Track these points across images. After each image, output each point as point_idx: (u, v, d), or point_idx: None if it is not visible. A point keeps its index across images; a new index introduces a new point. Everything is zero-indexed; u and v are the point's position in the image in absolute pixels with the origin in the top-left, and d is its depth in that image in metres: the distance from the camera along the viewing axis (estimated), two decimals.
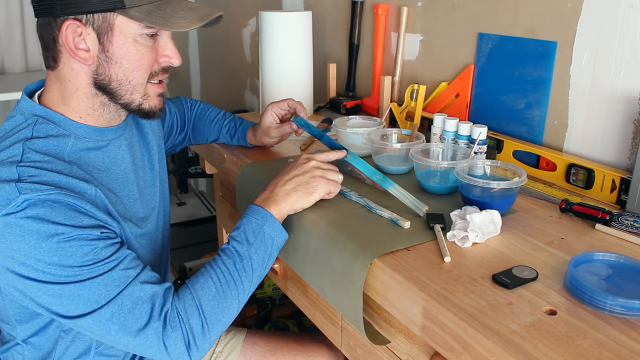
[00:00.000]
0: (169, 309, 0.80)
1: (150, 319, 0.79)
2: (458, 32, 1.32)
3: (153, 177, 1.04)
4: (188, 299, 0.81)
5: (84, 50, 0.83)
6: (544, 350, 0.60)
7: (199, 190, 3.04)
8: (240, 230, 0.88)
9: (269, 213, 0.88)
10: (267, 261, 0.88)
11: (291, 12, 1.50)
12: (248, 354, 1.21)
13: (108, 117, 0.91)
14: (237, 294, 0.85)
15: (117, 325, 0.78)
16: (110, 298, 0.78)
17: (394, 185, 0.95)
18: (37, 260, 0.75)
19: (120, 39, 0.83)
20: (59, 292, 0.77)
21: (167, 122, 1.23)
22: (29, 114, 0.86)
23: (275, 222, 0.88)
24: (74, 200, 0.78)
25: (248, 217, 0.88)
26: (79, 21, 0.81)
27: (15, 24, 2.94)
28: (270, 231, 0.88)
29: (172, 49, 0.89)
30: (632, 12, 0.97)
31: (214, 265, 0.85)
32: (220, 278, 0.84)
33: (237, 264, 0.85)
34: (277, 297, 1.85)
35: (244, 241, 0.86)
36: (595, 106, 1.06)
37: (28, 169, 0.78)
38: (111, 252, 0.80)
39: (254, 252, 0.86)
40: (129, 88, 0.87)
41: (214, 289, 0.83)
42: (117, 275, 0.79)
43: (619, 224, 0.89)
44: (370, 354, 0.95)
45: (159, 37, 0.88)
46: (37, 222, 0.75)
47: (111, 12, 0.81)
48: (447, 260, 0.78)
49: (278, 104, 1.20)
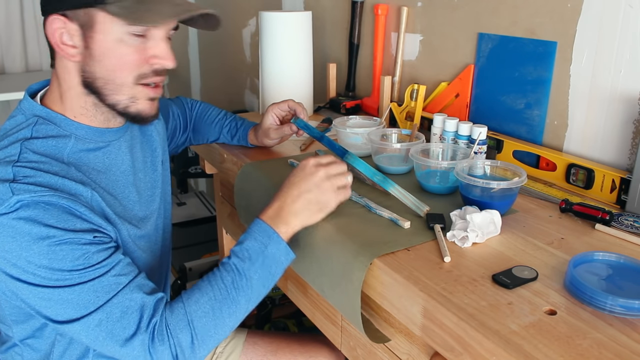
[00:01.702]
0: (158, 321, 0.78)
1: (138, 330, 0.77)
2: (458, 32, 1.32)
3: (155, 179, 1.03)
4: (180, 314, 0.79)
5: (70, 47, 0.83)
6: (544, 351, 0.60)
7: (199, 190, 3.04)
8: (243, 246, 0.84)
9: (276, 233, 0.84)
10: (269, 281, 0.85)
11: (291, 12, 1.50)
12: (249, 355, 1.21)
13: (102, 118, 0.90)
14: (233, 311, 0.82)
15: (104, 332, 0.77)
16: (99, 305, 0.77)
17: (395, 185, 0.94)
18: (28, 262, 0.75)
19: (100, 36, 0.82)
20: (48, 295, 0.76)
21: (171, 124, 1.23)
22: (29, 114, 0.86)
23: (280, 243, 0.84)
24: (68, 203, 0.77)
25: (253, 234, 0.85)
26: (65, 17, 0.82)
27: (15, 24, 2.94)
28: (274, 251, 0.84)
29: (164, 50, 0.86)
30: (632, 12, 0.97)
31: (212, 280, 0.82)
32: (217, 295, 0.81)
33: (235, 281, 0.82)
34: (277, 297, 1.85)
35: (246, 259, 0.83)
36: (595, 106, 1.06)
37: (24, 170, 0.78)
38: (103, 257, 0.78)
39: (254, 272, 0.83)
40: (113, 88, 0.86)
41: (209, 306, 0.80)
42: (107, 281, 0.78)
43: (619, 224, 0.89)
44: (370, 354, 0.95)
45: (150, 37, 0.85)
46: (29, 224, 0.74)
47: (92, 8, 0.81)
48: (447, 260, 0.78)
49: (278, 105, 1.20)
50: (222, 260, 0.85)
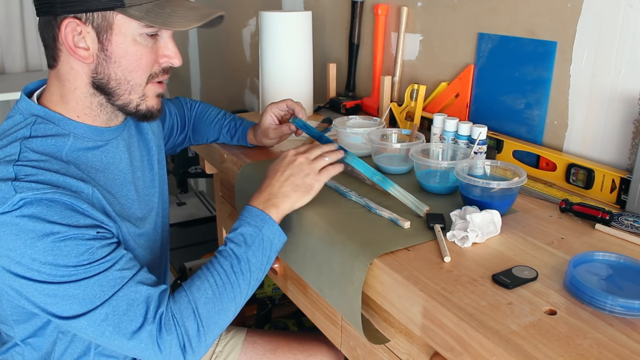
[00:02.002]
0: (164, 312, 0.79)
1: (145, 321, 0.78)
2: (458, 32, 1.32)
3: (152, 177, 1.03)
4: (184, 302, 0.81)
5: (83, 49, 0.83)
6: (544, 351, 0.60)
7: (199, 190, 3.04)
8: (238, 232, 0.86)
9: (268, 215, 0.87)
10: (265, 264, 0.87)
11: (291, 12, 1.50)
12: (248, 353, 1.21)
13: (105, 118, 0.91)
14: (233, 297, 0.84)
15: (111, 326, 0.77)
16: (105, 299, 0.77)
17: (394, 185, 0.95)
18: (32, 259, 0.75)
19: (119, 38, 0.83)
20: (53, 291, 0.77)
21: (167, 123, 1.23)
22: (27, 114, 0.86)
23: (274, 225, 0.88)
24: (70, 199, 0.78)
25: (246, 219, 0.87)
26: (79, 19, 0.81)
27: (15, 24, 2.95)
28: (269, 234, 0.87)
29: (173, 49, 0.89)
30: (632, 12, 0.97)
31: (210, 268, 0.84)
32: (217, 280, 0.83)
33: (234, 266, 0.84)
34: (277, 297, 1.85)
35: (242, 243, 0.85)
36: (595, 106, 1.06)
37: (25, 168, 0.78)
38: (107, 252, 0.79)
39: (251, 255, 0.85)
40: (127, 88, 0.87)
41: (210, 292, 0.82)
42: (112, 275, 0.78)
43: (619, 224, 0.89)
44: (370, 354, 0.95)
45: (159, 37, 0.88)
46: (33, 221, 0.75)
47: (111, 11, 0.81)
48: (447, 260, 0.78)
49: (277, 104, 1.20)
50: (218, 249, 0.87)
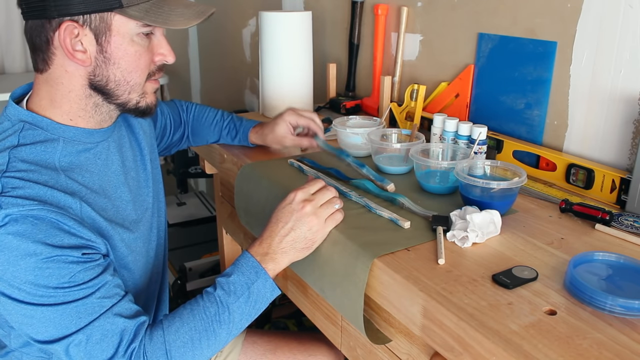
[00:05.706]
0: (137, 347, 0.78)
1: (116, 354, 0.77)
2: (458, 32, 1.32)
3: (146, 177, 1.02)
4: (158, 342, 0.79)
5: (81, 52, 0.82)
6: (543, 351, 0.60)
7: (199, 190, 3.04)
8: (230, 279, 0.84)
9: (263, 270, 0.85)
10: (252, 315, 0.86)
11: (291, 12, 1.50)
12: (248, 353, 1.21)
13: (99, 119, 0.89)
14: (212, 343, 0.82)
15: (82, 353, 0.77)
16: (80, 326, 0.76)
17: (403, 197, 0.96)
18: (14, 276, 0.74)
19: (118, 39, 0.82)
20: (31, 312, 0.76)
21: (160, 122, 1.22)
22: (15, 120, 0.84)
23: (267, 280, 0.86)
24: (56, 217, 0.76)
25: (241, 267, 0.85)
26: (76, 22, 0.80)
27: (15, 24, 2.95)
28: (261, 289, 0.85)
29: (166, 47, 0.89)
30: (632, 12, 0.97)
31: (194, 310, 0.82)
32: (198, 326, 0.81)
33: (219, 314, 0.82)
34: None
35: (231, 293, 0.83)
36: (595, 106, 1.06)
37: (12, 180, 0.77)
38: (90, 277, 0.78)
39: (237, 307, 0.83)
40: (126, 88, 0.87)
41: (188, 336, 0.80)
42: (91, 303, 0.77)
43: (619, 224, 0.89)
44: (370, 354, 0.95)
45: (154, 36, 0.87)
46: (17, 239, 0.73)
47: (109, 12, 0.81)
48: (441, 262, 0.78)
49: (297, 117, 1.20)
50: (206, 289, 0.85)
